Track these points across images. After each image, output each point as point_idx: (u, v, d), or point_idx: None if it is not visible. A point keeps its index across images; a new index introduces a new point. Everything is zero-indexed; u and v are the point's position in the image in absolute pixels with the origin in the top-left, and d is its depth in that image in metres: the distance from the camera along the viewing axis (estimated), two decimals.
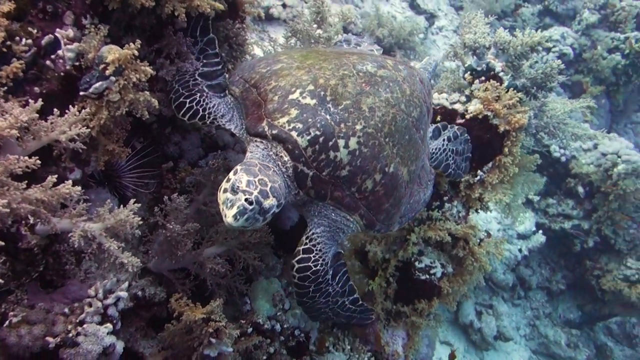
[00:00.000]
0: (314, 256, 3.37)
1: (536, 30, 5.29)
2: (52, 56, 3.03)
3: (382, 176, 3.36)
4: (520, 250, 11.58)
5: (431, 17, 14.90)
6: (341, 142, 3.18)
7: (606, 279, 11.67)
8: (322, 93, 3.31)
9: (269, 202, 2.84)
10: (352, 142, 3.20)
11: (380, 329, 5.16)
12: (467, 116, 5.08)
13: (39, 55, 3.00)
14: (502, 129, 4.96)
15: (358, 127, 3.25)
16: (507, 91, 4.98)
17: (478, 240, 5.15)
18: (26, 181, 2.49)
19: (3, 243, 2.29)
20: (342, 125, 3.21)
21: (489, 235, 5.54)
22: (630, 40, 14.24)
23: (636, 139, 16.33)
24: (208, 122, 3.51)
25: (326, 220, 3.42)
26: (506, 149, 5.04)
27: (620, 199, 11.24)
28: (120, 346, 3.09)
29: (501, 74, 5.21)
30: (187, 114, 3.49)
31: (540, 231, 12.02)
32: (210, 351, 3.46)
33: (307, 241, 3.42)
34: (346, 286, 3.66)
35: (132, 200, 2.99)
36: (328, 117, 3.21)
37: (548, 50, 13.91)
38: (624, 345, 12.91)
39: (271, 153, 3.22)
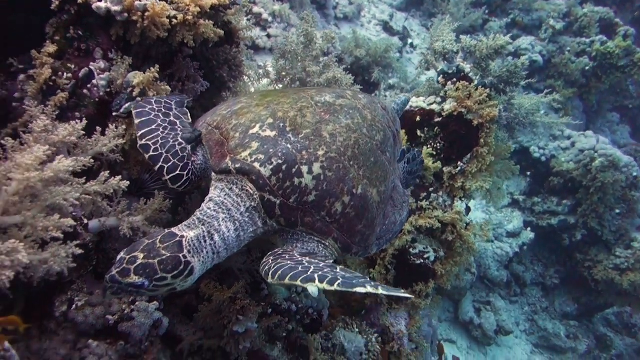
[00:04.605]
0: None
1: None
2: (88, 85, 3.63)
3: (351, 198, 3.35)
4: (510, 247, 12.12)
5: (404, 38, 15.69)
6: (305, 169, 3.21)
7: (597, 270, 12.16)
8: (282, 125, 3.38)
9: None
10: (316, 168, 3.24)
11: (383, 312, 5.68)
12: (444, 114, 5.70)
13: (77, 85, 3.59)
14: (476, 122, 5.58)
15: (320, 152, 3.29)
16: (477, 89, 5.61)
17: (464, 225, 5.71)
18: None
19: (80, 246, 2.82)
20: (304, 153, 3.25)
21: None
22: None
23: (613, 137, 17.02)
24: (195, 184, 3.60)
25: (300, 243, 3.38)
26: (482, 140, 5.65)
27: (601, 191, 11.85)
28: (166, 321, 3.64)
29: (471, 74, 5.85)
30: (183, 185, 3.46)
31: (529, 228, 12.59)
32: (238, 327, 3.98)
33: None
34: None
35: (161, 193, 3.63)
36: (289, 146, 3.26)
37: (518, 57, 14.67)
38: (623, 335, 13.33)
39: (234, 188, 3.26)
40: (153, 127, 3.41)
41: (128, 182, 3.22)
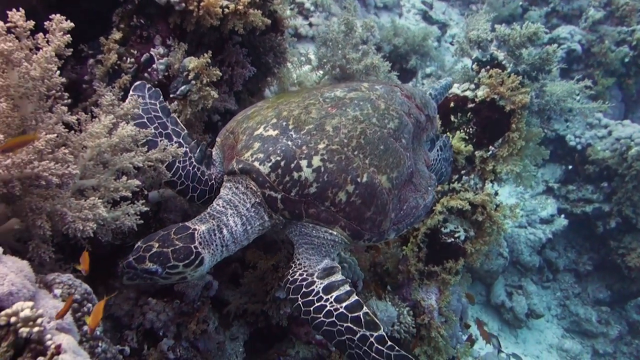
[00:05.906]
0: (292, 269, 3.53)
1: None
2: (149, 69, 4.01)
3: (355, 186, 3.42)
4: (543, 233, 12.25)
5: (444, 27, 15.80)
6: (304, 162, 3.33)
7: (631, 257, 12.09)
8: (284, 123, 3.53)
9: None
10: (315, 160, 3.35)
11: (415, 287, 6.00)
12: (477, 100, 5.96)
13: (139, 69, 3.98)
14: (508, 108, 5.83)
15: (321, 146, 3.41)
16: (510, 76, 5.85)
17: (494, 206, 5.98)
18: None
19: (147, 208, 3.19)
20: (304, 147, 3.38)
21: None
22: None
23: None
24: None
25: (308, 238, 3.52)
26: (513, 125, 5.90)
27: (636, 179, 11.83)
28: (215, 284, 4.05)
29: (504, 62, 6.09)
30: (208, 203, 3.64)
31: (563, 215, 12.68)
32: (280, 293, 4.36)
33: (291, 264, 3.59)
34: (359, 313, 3.32)
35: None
36: (289, 142, 3.40)
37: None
38: None
39: (240, 187, 3.43)
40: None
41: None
